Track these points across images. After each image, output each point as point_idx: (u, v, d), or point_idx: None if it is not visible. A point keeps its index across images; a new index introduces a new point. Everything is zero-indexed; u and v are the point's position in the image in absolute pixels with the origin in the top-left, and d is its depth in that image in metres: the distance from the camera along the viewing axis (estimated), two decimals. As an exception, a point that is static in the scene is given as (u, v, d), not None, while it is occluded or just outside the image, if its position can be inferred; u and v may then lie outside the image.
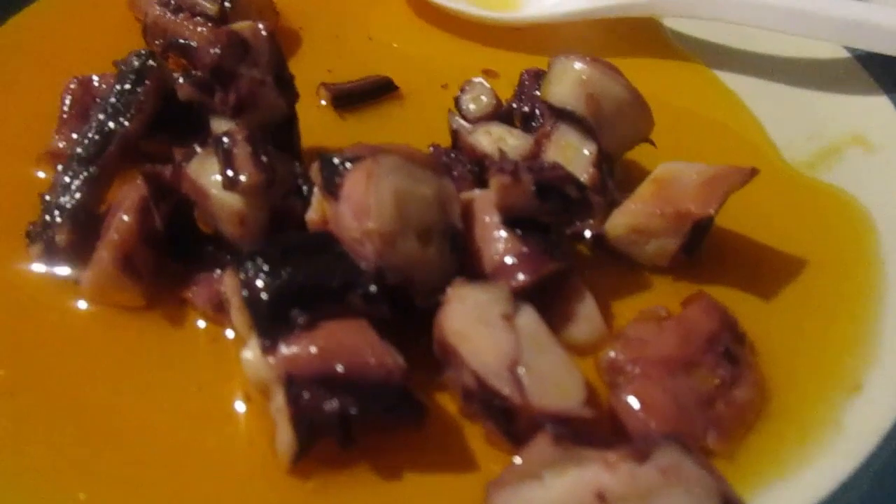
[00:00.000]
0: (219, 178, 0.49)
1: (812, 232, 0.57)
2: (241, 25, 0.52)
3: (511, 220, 0.48)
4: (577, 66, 0.53)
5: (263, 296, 0.42)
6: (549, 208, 0.48)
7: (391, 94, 0.66)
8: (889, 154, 0.62)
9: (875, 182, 0.60)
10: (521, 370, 0.40)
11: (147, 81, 0.54)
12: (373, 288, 0.43)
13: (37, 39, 0.69)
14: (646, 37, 0.73)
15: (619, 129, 0.54)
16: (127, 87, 0.54)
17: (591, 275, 0.52)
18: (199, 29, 0.65)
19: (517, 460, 0.39)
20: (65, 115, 0.58)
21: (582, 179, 0.53)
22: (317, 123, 0.61)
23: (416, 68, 0.68)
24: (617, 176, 0.56)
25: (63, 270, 0.51)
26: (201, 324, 0.50)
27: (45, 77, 0.65)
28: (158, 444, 0.44)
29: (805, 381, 0.48)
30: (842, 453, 0.44)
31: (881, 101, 0.66)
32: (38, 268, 0.51)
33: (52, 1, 0.73)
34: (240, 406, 0.46)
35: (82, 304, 0.50)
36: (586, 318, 0.48)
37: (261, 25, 0.53)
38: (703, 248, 0.53)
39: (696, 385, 0.45)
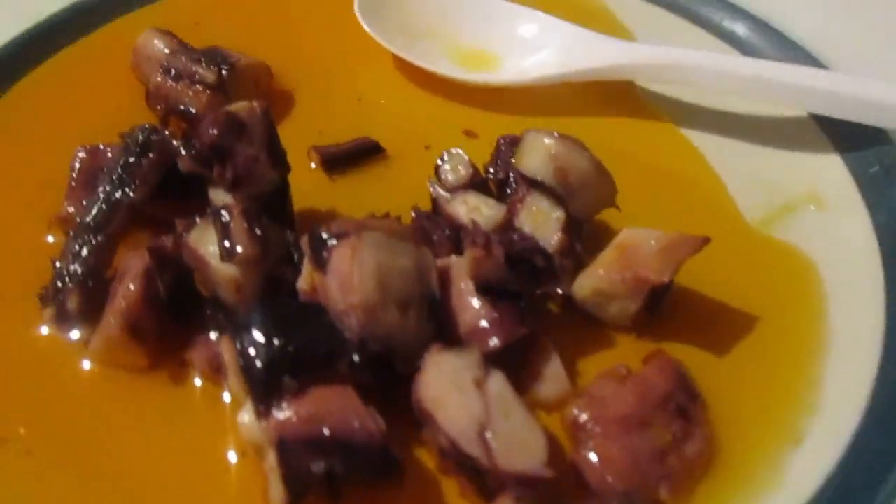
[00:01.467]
0: (216, 248, 0.53)
1: (764, 288, 0.62)
2: (238, 106, 0.57)
3: (484, 287, 0.53)
4: (547, 140, 0.58)
5: (258, 364, 0.46)
6: (519, 277, 0.53)
7: (378, 156, 0.70)
8: (838, 211, 0.67)
9: (824, 239, 0.65)
10: (488, 434, 0.45)
11: (151, 154, 0.59)
12: (356, 357, 0.47)
13: (43, 102, 0.74)
14: (619, 97, 0.77)
15: (586, 197, 0.59)
16: (132, 159, 0.59)
17: (559, 332, 0.56)
18: (198, 96, 0.69)
19: (486, 516, 0.43)
20: (73, 183, 0.62)
21: (552, 242, 0.58)
22: (308, 185, 0.66)
23: (401, 129, 0.73)
24: (585, 236, 0.61)
25: (73, 332, 0.55)
26: (199, 382, 0.54)
27: (52, 141, 0.70)
28: (162, 497, 0.49)
29: (750, 433, 0.52)
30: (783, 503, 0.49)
31: (836, 161, 0.71)
32: (51, 330, 0.56)
33: (58, 64, 0.78)
34: (235, 461, 0.50)
35: (91, 365, 0.54)
36: (553, 377, 0.53)
37: (256, 104, 0.58)
38: (664, 307, 0.58)
39: (651, 441, 0.49)
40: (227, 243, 0.52)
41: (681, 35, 0.84)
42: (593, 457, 0.48)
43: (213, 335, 0.54)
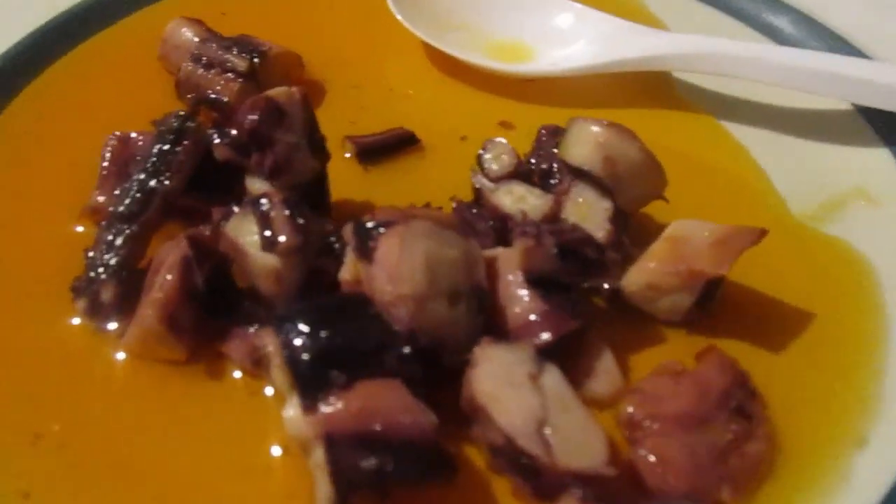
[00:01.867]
0: (256, 238, 0.51)
1: (817, 284, 0.60)
2: (277, 92, 0.55)
3: (533, 279, 0.51)
4: (595, 129, 0.56)
5: (304, 357, 0.45)
6: (569, 269, 0.51)
7: (413, 147, 0.69)
8: (891, 207, 0.65)
9: (877, 235, 0.63)
10: (547, 430, 0.43)
11: (185, 142, 0.57)
12: (406, 349, 0.45)
13: (70, 92, 0.72)
14: (655, 89, 0.76)
15: (634, 188, 0.57)
16: (166, 147, 0.57)
17: (607, 328, 0.54)
18: (229, 84, 0.68)
19: (545, 516, 0.41)
20: (104, 172, 0.60)
21: (599, 236, 0.56)
22: (342, 176, 0.64)
23: (435, 120, 0.71)
24: (631, 230, 0.59)
25: (107, 324, 0.53)
26: (238, 374, 0.52)
27: (80, 130, 0.68)
28: (201, 495, 0.47)
29: (811, 434, 0.50)
30: (850, 506, 0.47)
31: (884, 155, 0.69)
32: (83, 322, 0.54)
33: (84, 54, 0.76)
34: (278, 458, 0.48)
35: (125, 358, 0.52)
36: (605, 372, 0.51)
37: (295, 90, 0.56)
38: (716, 303, 0.56)
39: (711, 440, 0.47)
40: (267, 233, 0.50)
41: (715, 26, 0.82)
42: (652, 457, 0.46)
43: (251, 328, 0.53)
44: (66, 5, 0.79)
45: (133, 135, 0.62)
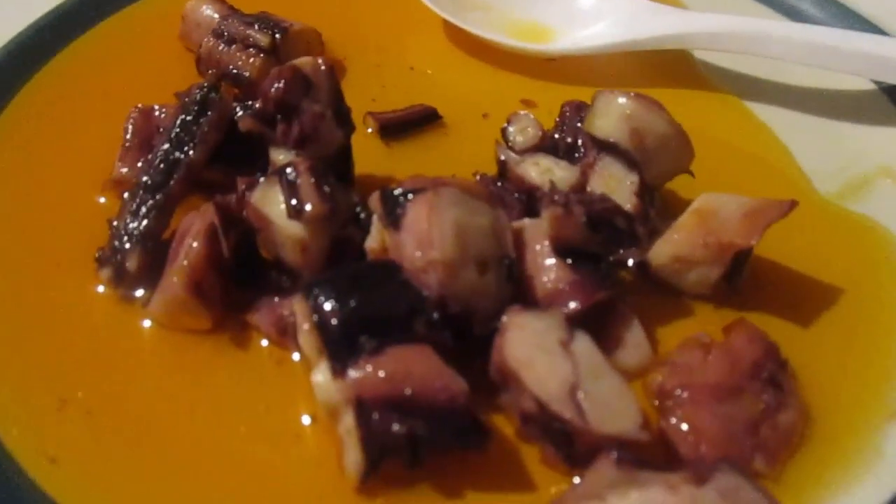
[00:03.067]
0: (282, 207, 0.51)
1: (844, 260, 0.59)
2: (303, 61, 0.55)
3: (561, 249, 0.51)
4: (622, 101, 0.56)
5: (334, 321, 0.44)
6: (598, 239, 0.51)
7: (435, 124, 0.68)
8: (917, 185, 0.65)
9: (903, 212, 0.63)
10: (580, 395, 0.42)
11: (209, 112, 0.57)
12: (436, 315, 0.45)
13: (91, 68, 0.72)
14: (677, 68, 0.75)
15: (661, 161, 0.57)
16: (189, 118, 0.57)
17: (635, 301, 0.54)
18: (251, 60, 0.67)
19: (578, 481, 0.41)
20: (127, 144, 0.60)
21: (626, 209, 0.55)
22: (365, 152, 0.63)
23: (456, 98, 0.71)
24: (657, 204, 0.59)
25: (131, 294, 0.53)
26: (264, 343, 0.52)
27: (101, 105, 0.68)
28: (230, 462, 0.46)
29: (845, 407, 0.50)
30: (882, 478, 0.46)
31: (907, 132, 0.69)
32: (108, 291, 0.54)
33: (104, 31, 0.75)
34: (306, 426, 0.48)
35: (151, 327, 0.52)
36: (634, 343, 0.50)
37: (320, 61, 0.56)
38: (743, 277, 0.56)
39: (743, 410, 0.47)
40: (294, 201, 0.50)
41: (739, 9, 0.81)
42: (684, 425, 0.45)
43: (276, 298, 0.52)
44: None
45: (155, 107, 0.62)
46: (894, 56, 0.68)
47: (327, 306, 0.45)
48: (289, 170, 0.51)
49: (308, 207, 0.50)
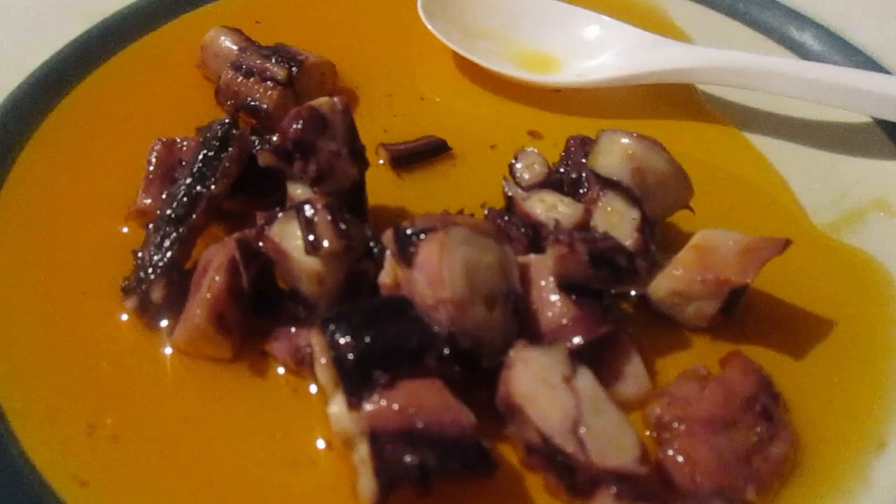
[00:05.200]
0: (300, 242, 0.54)
1: (838, 292, 0.62)
2: (320, 102, 0.57)
3: (565, 285, 0.53)
4: (624, 141, 0.58)
5: (349, 356, 0.47)
6: (600, 275, 0.53)
7: (444, 154, 0.71)
8: (909, 218, 0.67)
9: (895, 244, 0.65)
10: (582, 430, 0.45)
11: (230, 149, 0.59)
12: (446, 351, 0.48)
13: (111, 98, 0.74)
14: (680, 100, 0.78)
15: (662, 198, 0.59)
16: (211, 153, 0.59)
17: (635, 332, 0.56)
18: (268, 92, 0.70)
19: (579, 512, 0.43)
20: (150, 176, 0.63)
21: (627, 244, 0.58)
22: (377, 182, 0.66)
23: (465, 128, 0.74)
24: (657, 238, 0.61)
25: (156, 322, 0.56)
26: (281, 371, 0.54)
27: (122, 135, 0.71)
28: (248, 486, 0.49)
29: (835, 437, 0.52)
30: (870, 506, 0.49)
31: (902, 166, 0.71)
32: (132, 320, 0.56)
33: (122, 61, 0.78)
34: (321, 452, 0.50)
35: (173, 355, 0.55)
36: (633, 375, 0.53)
37: (337, 100, 0.58)
38: (739, 309, 0.58)
39: (736, 442, 0.49)
40: (311, 237, 0.53)
41: (739, 40, 0.84)
42: (680, 457, 0.48)
43: (292, 328, 0.55)
44: (106, 14, 0.81)
45: (177, 140, 0.64)
46: (891, 93, 0.70)
47: (343, 341, 0.47)
48: (307, 206, 0.54)
49: (325, 244, 0.52)
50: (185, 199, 0.58)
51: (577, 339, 0.51)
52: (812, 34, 0.82)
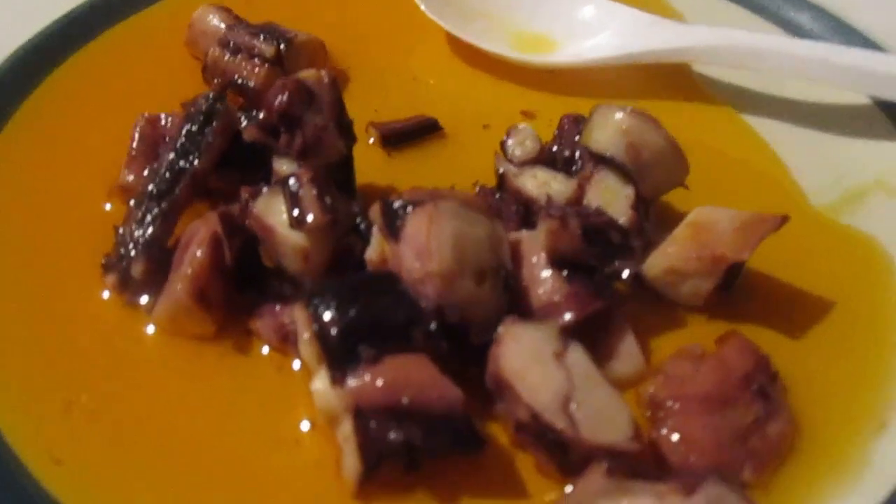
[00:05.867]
0: (285, 217, 0.52)
1: (837, 273, 0.60)
2: (307, 74, 0.56)
3: (557, 261, 0.52)
4: (618, 115, 0.57)
5: (333, 331, 0.45)
6: (593, 251, 0.52)
7: (435, 134, 0.69)
8: (909, 199, 0.66)
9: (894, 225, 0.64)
10: (573, 406, 0.44)
11: (214, 123, 0.58)
12: (433, 325, 0.46)
13: (97, 76, 0.73)
14: (676, 81, 0.76)
15: (657, 175, 0.58)
16: (195, 128, 0.58)
17: (629, 311, 0.55)
18: (255, 69, 0.69)
19: (569, 489, 0.42)
20: (133, 152, 0.61)
21: (621, 221, 0.56)
22: (367, 161, 0.64)
23: (457, 108, 0.72)
24: (652, 217, 0.60)
25: (136, 300, 0.54)
26: (265, 350, 0.53)
27: (107, 112, 0.69)
28: (231, 466, 0.48)
29: (834, 417, 0.51)
30: (870, 487, 0.47)
31: (901, 147, 0.70)
32: (113, 296, 0.55)
33: (110, 39, 0.76)
34: (305, 431, 0.49)
35: (155, 332, 0.53)
36: (628, 354, 0.51)
37: (324, 73, 0.57)
38: (735, 289, 0.57)
39: (732, 421, 0.48)
40: (296, 211, 0.51)
41: (734, 21, 0.82)
42: (675, 435, 0.47)
43: (277, 305, 0.53)
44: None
45: (162, 115, 0.63)
46: (889, 71, 0.69)
47: (327, 316, 0.46)
48: (291, 180, 0.53)
49: (310, 218, 0.51)
50: (167, 174, 0.57)
51: (568, 316, 0.50)
52: (809, 15, 0.80)
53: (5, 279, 0.56)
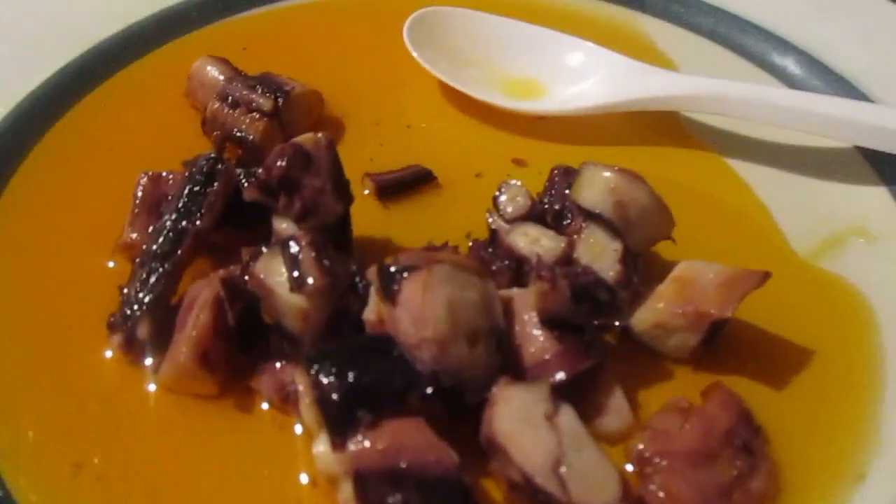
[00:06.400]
0: (284, 278, 0.54)
1: (818, 321, 0.62)
2: (305, 138, 0.58)
3: (548, 320, 0.54)
4: (606, 174, 0.59)
5: (334, 396, 0.47)
6: (582, 310, 0.54)
7: (430, 184, 0.71)
8: (888, 245, 0.68)
9: (875, 273, 0.66)
10: (563, 469, 0.45)
11: (216, 184, 0.60)
12: (429, 389, 0.48)
13: (97, 129, 0.75)
14: (664, 127, 0.78)
15: (643, 230, 0.60)
16: (196, 188, 0.60)
17: (617, 364, 0.57)
18: (254, 123, 0.71)
19: (560, 551, 0.44)
20: (136, 210, 0.63)
21: (609, 275, 0.58)
22: (363, 213, 0.66)
23: (451, 157, 0.74)
24: (640, 269, 0.62)
25: (142, 359, 0.56)
26: (266, 408, 0.55)
27: (109, 166, 0.71)
28: (234, 526, 0.49)
29: (815, 469, 0.53)
30: (848, 541, 0.49)
31: (883, 194, 0.72)
32: (118, 356, 0.56)
33: (109, 90, 0.78)
34: (306, 489, 0.51)
35: (159, 391, 0.55)
36: (616, 410, 0.53)
37: (321, 136, 0.59)
38: (720, 340, 0.59)
39: (716, 476, 0.50)
40: (296, 274, 0.53)
41: (722, 65, 0.85)
42: (661, 493, 0.48)
43: (278, 364, 0.55)
44: (92, 42, 0.81)
45: (163, 174, 0.64)
46: (871, 122, 0.71)
47: (326, 382, 0.48)
48: (291, 243, 0.54)
49: (310, 281, 0.53)
50: (170, 234, 0.58)
51: (559, 375, 0.51)
52: (794, 59, 0.83)
53: (11, 340, 0.58)
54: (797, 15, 0.87)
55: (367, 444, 0.46)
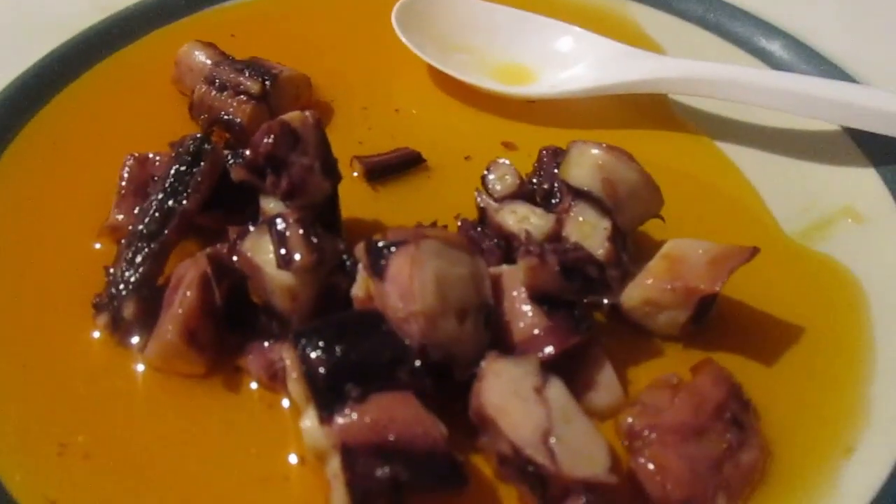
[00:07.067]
0: (272, 256, 0.54)
1: (807, 299, 0.62)
2: (291, 116, 0.57)
3: (537, 296, 0.53)
4: (594, 151, 0.59)
5: (321, 370, 0.47)
6: (572, 286, 0.53)
7: (419, 167, 0.71)
8: (876, 225, 0.68)
9: (864, 252, 0.66)
10: (552, 441, 0.45)
11: (202, 163, 0.59)
12: (418, 364, 0.48)
13: (84, 113, 0.74)
14: (652, 110, 0.78)
15: (632, 208, 0.60)
16: (183, 168, 0.59)
17: (607, 342, 0.57)
18: (242, 106, 0.70)
19: (550, 522, 0.43)
20: (122, 191, 0.63)
21: (599, 253, 0.58)
22: (351, 195, 0.66)
23: (440, 140, 0.74)
24: (629, 248, 0.62)
25: (128, 339, 0.56)
26: (254, 387, 0.54)
27: (96, 150, 0.71)
28: (221, 502, 0.49)
29: (804, 444, 0.53)
30: (838, 513, 0.49)
31: (871, 175, 0.72)
32: (104, 336, 0.56)
33: (96, 76, 0.78)
34: (295, 467, 0.50)
35: (146, 371, 0.54)
36: (606, 386, 0.53)
37: (308, 114, 0.58)
38: (710, 317, 0.59)
39: (707, 450, 0.49)
40: (283, 251, 0.53)
41: (712, 52, 0.85)
42: (651, 465, 0.48)
43: (266, 343, 0.55)
44: (79, 29, 0.81)
45: (150, 155, 0.64)
46: (859, 103, 0.71)
47: (314, 356, 0.47)
48: (278, 221, 0.54)
49: (297, 258, 0.52)
50: (157, 214, 0.58)
51: (548, 350, 0.51)
52: (781, 44, 0.83)
53: (-3, 321, 0.57)
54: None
55: (354, 417, 0.46)
